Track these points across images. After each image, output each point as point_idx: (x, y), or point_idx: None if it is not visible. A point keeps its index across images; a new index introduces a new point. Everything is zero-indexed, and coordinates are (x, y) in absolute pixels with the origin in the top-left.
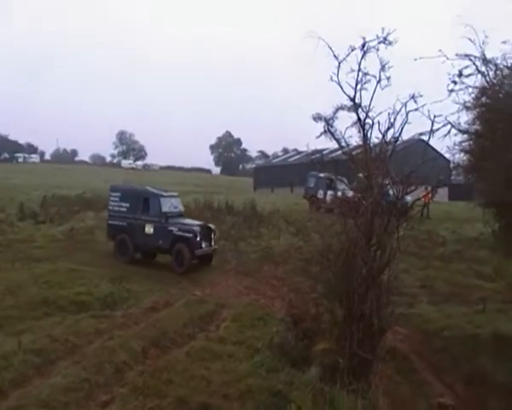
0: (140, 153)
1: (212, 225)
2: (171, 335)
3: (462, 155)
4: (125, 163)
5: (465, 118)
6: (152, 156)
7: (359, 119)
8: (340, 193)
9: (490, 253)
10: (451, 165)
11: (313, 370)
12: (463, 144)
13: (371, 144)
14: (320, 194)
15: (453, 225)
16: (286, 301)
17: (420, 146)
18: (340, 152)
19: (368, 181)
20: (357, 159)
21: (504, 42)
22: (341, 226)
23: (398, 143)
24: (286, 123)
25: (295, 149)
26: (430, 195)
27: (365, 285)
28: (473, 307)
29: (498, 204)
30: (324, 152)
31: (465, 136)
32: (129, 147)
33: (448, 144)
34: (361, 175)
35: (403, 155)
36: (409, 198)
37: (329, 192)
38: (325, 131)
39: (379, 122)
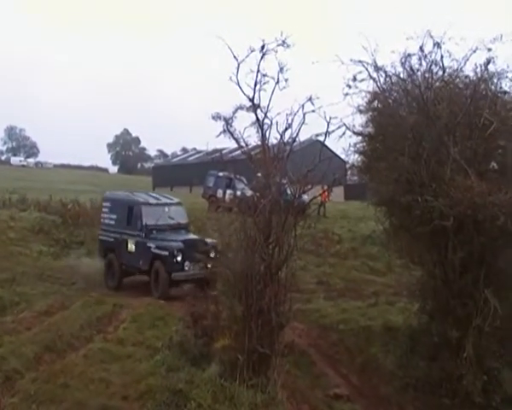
0: (32, 150)
1: (209, 240)
2: (68, 338)
3: (356, 156)
4: (16, 160)
5: (359, 120)
6: (46, 154)
7: (258, 119)
8: (239, 192)
9: (382, 249)
10: (347, 165)
11: (213, 367)
12: (357, 146)
13: (269, 144)
14: (219, 193)
15: (348, 224)
16: (186, 300)
17: (316, 147)
18: (239, 151)
19: (266, 180)
20: (256, 158)
21: (393, 51)
22: (240, 224)
23: (296, 143)
24: (184, 122)
25: (194, 149)
26: (327, 194)
27: (263, 282)
28: (366, 300)
29: (388, 203)
30: (224, 151)
31: (359, 138)
32: (19, 143)
33: (344, 145)
34: (259, 174)
35: (300, 155)
36: (306, 197)
37: (228, 191)
38: (224, 131)
39: (277, 123)
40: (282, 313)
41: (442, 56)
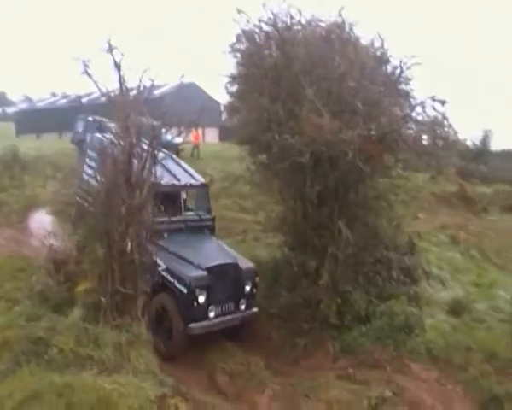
0: None
1: (248, 264)
2: None
3: (228, 97)
4: None
5: (232, 62)
6: None
7: (114, 61)
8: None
9: (252, 188)
10: (221, 107)
11: (76, 311)
12: (229, 87)
13: (129, 87)
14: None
15: (221, 164)
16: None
17: (191, 89)
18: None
19: (124, 122)
20: (116, 101)
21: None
22: (100, 167)
23: (172, 85)
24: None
25: (64, 93)
26: (198, 135)
27: (125, 223)
28: (235, 238)
29: (251, 142)
30: (92, 96)
31: (229, 79)
32: None
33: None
34: (120, 117)
35: (174, 97)
36: (179, 139)
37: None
38: (84, 73)
39: (136, 66)
40: (145, 253)
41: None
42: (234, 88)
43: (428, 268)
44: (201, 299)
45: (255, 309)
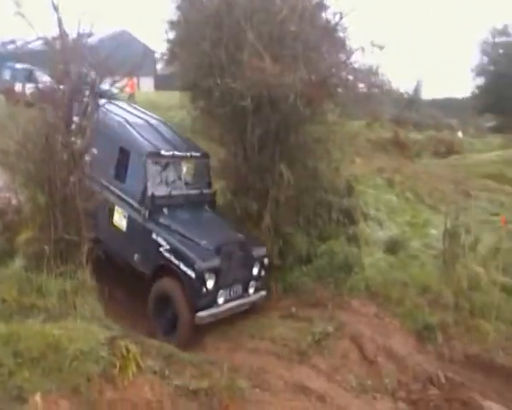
0: None
1: (256, 242)
2: None
3: (166, 44)
4: None
5: (171, 7)
6: None
7: (52, 3)
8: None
9: (192, 136)
10: (156, 55)
11: (17, 261)
12: (166, 34)
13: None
14: (18, 87)
15: (158, 114)
16: None
17: (125, 37)
18: (41, 42)
19: (65, 68)
20: (54, 45)
21: None
22: (39, 113)
23: (106, 34)
24: None
25: None
26: (135, 85)
27: (67, 169)
28: None
29: (192, 88)
30: (26, 41)
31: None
32: None
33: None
34: (59, 61)
35: (108, 45)
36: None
37: (28, 85)
38: (17, 14)
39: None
40: (88, 199)
41: None
42: (173, 34)
43: (366, 210)
44: (210, 284)
45: (264, 292)
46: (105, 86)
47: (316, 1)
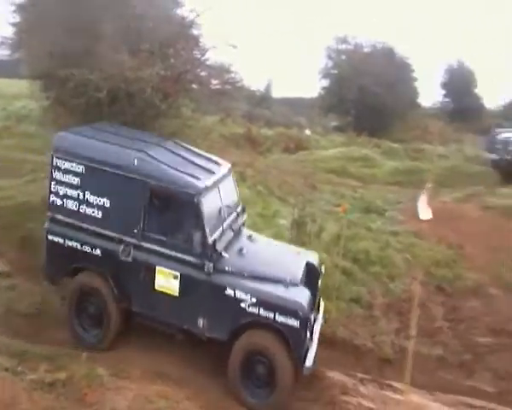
0: None
1: (313, 259)
2: None
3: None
4: None
5: None
6: None
7: None
8: None
9: (40, 128)
10: None
11: None
12: (9, 18)
13: None
14: None
15: (2, 102)
16: None
17: None
18: None
19: None
20: None
21: None
22: None
23: None
24: None
25: None
26: None
27: None
28: (25, 178)
29: (44, 77)
30: None
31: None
32: None
33: None
34: None
35: None
36: None
37: None
38: None
39: None
40: None
41: None
42: (19, 18)
43: None
44: (311, 324)
45: (322, 304)
46: None
47: None
